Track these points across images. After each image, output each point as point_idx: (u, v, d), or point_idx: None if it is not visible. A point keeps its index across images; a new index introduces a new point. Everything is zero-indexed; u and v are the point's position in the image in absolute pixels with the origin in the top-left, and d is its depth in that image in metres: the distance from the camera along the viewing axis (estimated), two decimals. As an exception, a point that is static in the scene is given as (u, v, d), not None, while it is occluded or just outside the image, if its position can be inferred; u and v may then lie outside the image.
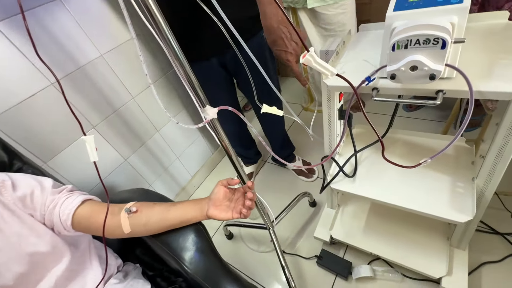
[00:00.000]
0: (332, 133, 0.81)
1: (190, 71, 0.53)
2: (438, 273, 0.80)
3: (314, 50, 0.34)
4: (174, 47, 0.49)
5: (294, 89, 2.00)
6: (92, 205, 0.64)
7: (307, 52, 0.33)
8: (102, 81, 0.97)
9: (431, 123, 1.39)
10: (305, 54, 0.33)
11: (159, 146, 1.26)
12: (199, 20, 0.83)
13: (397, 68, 0.47)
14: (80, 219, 0.61)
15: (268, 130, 1.32)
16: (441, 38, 0.41)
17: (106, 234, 0.63)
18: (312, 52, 0.33)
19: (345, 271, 0.95)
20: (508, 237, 0.90)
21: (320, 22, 1.26)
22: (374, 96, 0.55)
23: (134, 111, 1.11)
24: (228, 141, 1.39)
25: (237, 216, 0.62)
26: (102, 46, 0.95)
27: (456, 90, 0.48)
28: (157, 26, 0.47)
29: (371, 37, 0.72)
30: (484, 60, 0.52)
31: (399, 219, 0.96)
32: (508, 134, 0.55)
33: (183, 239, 0.61)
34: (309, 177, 1.35)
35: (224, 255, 1.18)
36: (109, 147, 1.06)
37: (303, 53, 0.33)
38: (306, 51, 0.33)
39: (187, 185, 1.47)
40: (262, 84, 0.63)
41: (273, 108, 0.57)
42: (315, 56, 0.33)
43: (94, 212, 0.62)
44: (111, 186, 1.10)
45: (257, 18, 0.91)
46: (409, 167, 0.52)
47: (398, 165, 0.52)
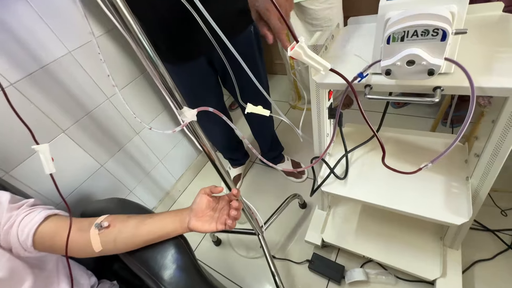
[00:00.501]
0: (322, 133, 0.77)
1: (163, 69, 0.46)
2: (433, 275, 0.78)
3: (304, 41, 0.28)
4: (143, 42, 0.43)
5: (281, 87, 1.95)
6: (58, 221, 0.56)
7: (295, 43, 0.27)
8: (71, 81, 0.89)
9: (419, 119, 1.38)
10: (293, 45, 0.28)
11: (139, 149, 1.18)
12: (184, 19, 0.76)
13: (393, 62, 0.42)
14: (43, 238, 0.54)
15: (256, 130, 1.27)
16: (441, 29, 0.37)
17: (74, 253, 0.56)
18: (302, 43, 0.28)
19: (338, 275, 0.92)
20: (499, 234, 0.90)
21: (307, 17, 1.22)
22: (367, 94, 0.51)
23: (110, 113, 1.03)
24: (215, 143, 1.32)
25: (221, 228, 0.57)
26: (70, 42, 0.86)
27: (455, 86, 0.44)
28: (123, 21, 0.41)
29: (362, 31, 0.68)
30: (482, 54, 0.49)
31: (391, 219, 0.93)
32: (505, 132, 0.52)
33: (162, 255, 0.55)
34: (299, 177, 1.31)
35: (212, 262, 1.14)
36: (82, 153, 0.97)
37: (292, 45, 0.28)
38: (295, 42, 0.27)
39: (171, 189, 1.40)
40: (250, 83, 0.58)
41: (259, 107, 0.52)
42: (306, 48, 0.28)
43: (60, 229, 0.55)
44: (86, 195, 1.02)
45: (246, 12, 0.85)
46: (410, 173, 0.48)
47: (399, 171, 0.48)
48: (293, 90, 1.66)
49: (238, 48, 0.45)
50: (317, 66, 0.31)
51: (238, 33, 0.84)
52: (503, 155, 0.55)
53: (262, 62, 1.00)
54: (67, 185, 0.96)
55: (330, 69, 0.33)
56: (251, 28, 0.88)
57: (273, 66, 2.10)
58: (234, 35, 0.83)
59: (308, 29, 1.26)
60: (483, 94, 0.43)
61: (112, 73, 1.00)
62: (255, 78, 0.55)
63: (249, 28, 0.87)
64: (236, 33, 0.84)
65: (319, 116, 0.73)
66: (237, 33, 0.84)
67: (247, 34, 0.87)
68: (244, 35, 0.86)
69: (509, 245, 0.87)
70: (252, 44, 0.90)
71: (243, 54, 0.53)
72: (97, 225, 0.55)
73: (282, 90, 1.90)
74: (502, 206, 0.95)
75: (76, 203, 0.98)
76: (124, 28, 0.42)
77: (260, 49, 0.95)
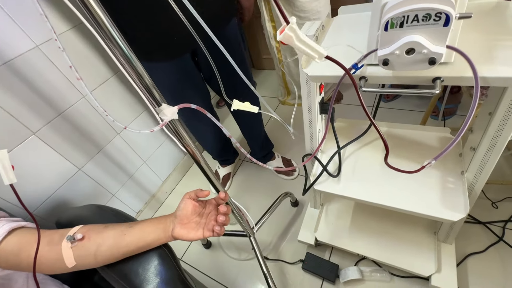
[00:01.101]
0: (313, 129, 0.73)
1: (139, 65, 0.41)
2: (428, 271, 0.77)
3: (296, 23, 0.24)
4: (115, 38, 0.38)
5: (269, 83, 1.91)
6: (24, 235, 0.50)
7: (286, 25, 0.23)
8: (40, 78, 0.81)
9: (409, 113, 1.38)
10: (283, 28, 0.23)
11: (120, 151, 1.11)
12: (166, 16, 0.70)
13: (391, 51, 0.39)
14: (7, 254, 0.48)
15: (245, 128, 1.22)
16: (445, 12, 0.34)
17: (44, 270, 0.50)
18: (294, 25, 0.23)
19: (332, 274, 0.90)
20: (490, 226, 0.90)
21: (294, 9, 1.18)
22: (362, 87, 0.47)
23: (86, 113, 0.95)
24: (204, 143, 1.26)
25: (209, 235, 0.52)
26: (37, 35, 0.78)
27: (456, 77, 0.41)
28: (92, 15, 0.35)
29: (353, 20, 0.64)
30: (480, 42, 0.46)
31: (384, 215, 0.92)
32: (503, 124, 0.50)
33: (144, 268, 0.50)
34: (290, 174, 1.28)
35: (202, 266, 1.09)
36: (56, 156, 0.90)
37: (281, 27, 0.24)
38: (286, 23, 0.23)
39: (157, 191, 1.34)
40: (236, 79, 0.53)
41: (246, 103, 0.48)
42: (298, 31, 0.24)
43: (25, 244, 0.49)
44: (63, 202, 0.94)
45: (230, 3, 0.80)
46: (413, 172, 0.45)
47: (402, 171, 0.45)
48: (281, 85, 1.62)
49: (224, 42, 0.41)
50: (312, 53, 0.27)
51: (224, 24, 0.79)
52: (499, 148, 0.54)
53: (246, 58, 0.97)
54: (40, 192, 0.88)
55: (327, 56, 0.29)
56: (235, 21, 0.83)
57: (260, 61, 2.05)
58: (219, 28, 0.78)
59: (296, 22, 1.22)
60: (486, 84, 0.40)
61: (90, 67, 0.93)
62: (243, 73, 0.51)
63: (233, 21, 0.83)
64: (222, 24, 0.79)
65: (310, 112, 0.70)
66: (224, 25, 0.79)
67: (232, 26, 0.82)
68: (229, 28, 0.81)
69: (500, 237, 0.87)
70: (237, 37, 0.86)
71: (229, 48, 0.49)
72: (69, 237, 0.49)
73: (271, 86, 1.86)
74: (493, 198, 0.95)
75: (51, 211, 0.91)
76: (94, 23, 0.36)
77: (244, 42, 0.91)
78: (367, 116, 0.42)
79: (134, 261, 0.52)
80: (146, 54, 0.74)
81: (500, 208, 0.93)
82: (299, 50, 0.26)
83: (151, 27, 0.70)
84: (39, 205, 0.88)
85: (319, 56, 0.28)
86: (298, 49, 0.26)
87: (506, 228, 0.89)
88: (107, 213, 0.65)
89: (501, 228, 0.89)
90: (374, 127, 0.42)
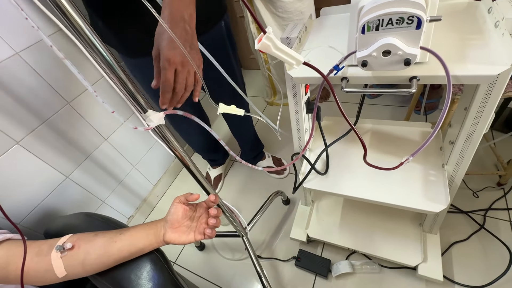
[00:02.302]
0: (300, 128, 0.74)
1: (121, 72, 0.41)
2: (415, 261, 0.80)
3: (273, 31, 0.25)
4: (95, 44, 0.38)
5: (256, 83, 1.92)
6: (10, 247, 0.49)
7: (263, 35, 0.24)
8: (21, 86, 0.79)
9: (394, 108, 1.42)
10: (261, 37, 0.24)
11: (109, 156, 1.10)
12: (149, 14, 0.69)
13: (369, 53, 0.40)
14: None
15: (235, 130, 1.23)
16: (416, 16, 0.36)
17: (33, 282, 0.49)
18: (271, 34, 0.24)
19: (324, 269, 0.92)
20: (472, 215, 0.94)
21: (278, 10, 1.19)
22: (344, 87, 0.49)
23: (71, 119, 0.94)
24: (192, 144, 1.25)
25: (200, 238, 0.53)
26: (16, 42, 0.76)
27: (431, 75, 0.43)
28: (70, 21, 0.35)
29: (335, 22, 0.66)
30: (454, 42, 0.48)
31: (372, 210, 0.95)
32: (477, 118, 0.53)
33: (136, 274, 0.50)
34: (281, 173, 1.29)
35: (196, 268, 1.10)
36: (42, 165, 0.88)
37: (259, 36, 0.25)
38: (262, 33, 0.24)
39: (149, 195, 1.33)
40: (225, 82, 0.53)
41: (232, 107, 0.49)
42: (275, 39, 0.25)
43: (13, 257, 0.48)
44: (51, 211, 0.93)
45: (217, 5, 0.78)
46: (390, 169, 0.47)
47: (380, 168, 0.47)
48: (268, 86, 1.63)
49: (209, 44, 0.41)
50: (289, 60, 0.28)
51: (211, 25, 0.78)
52: (476, 141, 0.56)
53: (236, 60, 0.96)
54: (26, 202, 0.86)
55: (304, 62, 0.30)
56: (222, 24, 0.82)
57: (247, 61, 2.06)
58: (204, 30, 0.77)
59: (279, 23, 1.23)
60: (458, 82, 0.43)
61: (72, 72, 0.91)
62: (230, 76, 0.51)
63: (220, 23, 0.82)
64: (209, 25, 0.77)
65: (296, 112, 0.71)
66: (211, 26, 0.78)
67: (218, 28, 0.81)
68: (215, 30, 0.80)
69: (481, 225, 0.91)
70: (224, 40, 0.85)
71: (216, 51, 0.48)
72: (58, 247, 0.49)
73: (258, 86, 1.87)
74: (474, 188, 1.00)
75: (39, 221, 0.89)
76: (73, 30, 0.36)
77: (233, 45, 0.89)
78: (346, 121, 0.44)
79: (126, 267, 0.52)
80: (136, 50, 0.74)
81: (481, 197, 0.98)
82: (278, 57, 0.27)
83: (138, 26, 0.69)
84: (26, 215, 0.86)
85: (297, 63, 0.29)
86: (276, 57, 0.27)
87: (487, 216, 0.93)
88: (96, 221, 0.64)
89: (482, 217, 0.93)
90: (353, 130, 0.44)
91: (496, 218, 0.92)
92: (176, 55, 0.44)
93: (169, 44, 0.44)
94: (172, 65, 0.45)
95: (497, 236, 0.88)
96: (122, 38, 0.70)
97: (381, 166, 0.50)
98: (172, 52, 0.44)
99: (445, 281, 0.81)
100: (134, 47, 0.74)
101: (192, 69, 0.48)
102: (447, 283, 0.82)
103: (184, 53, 0.42)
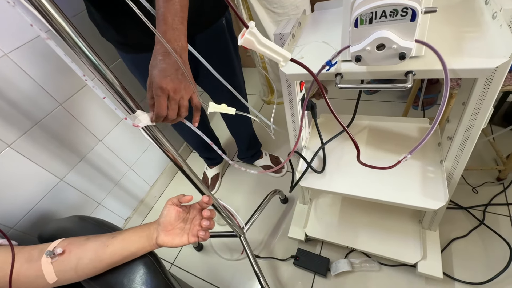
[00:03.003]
0: (296, 126, 0.73)
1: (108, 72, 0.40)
2: (414, 259, 0.79)
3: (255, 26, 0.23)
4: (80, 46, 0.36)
5: (253, 81, 1.90)
6: (0, 253, 0.48)
7: (245, 30, 0.23)
8: (11, 88, 0.77)
9: (392, 104, 1.40)
10: (243, 32, 0.23)
11: (104, 158, 1.08)
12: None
13: (362, 48, 0.39)
14: (-17, 275, 0.46)
15: (233, 129, 1.21)
16: (411, 7, 0.34)
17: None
18: (253, 29, 0.23)
19: (323, 268, 0.91)
20: (472, 210, 0.93)
21: (273, 6, 1.17)
22: (338, 83, 0.48)
23: (64, 121, 0.92)
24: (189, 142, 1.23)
25: (194, 240, 0.52)
26: (5, 42, 0.75)
27: (427, 70, 0.42)
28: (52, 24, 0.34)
29: (329, 16, 0.65)
30: (450, 34, 0.47)
31: (371, 207, 0.94)
32: (475, 113, 0.52)
33: (129, 279, 0.49)
34: (278, 172, 1.28)
35: (195, 269, 1.09)
36: (35, 168, 0.87)
37: (242, 32, 0.23)
38: (245, 28, 0.23)
39: (146, 196, 1.32)
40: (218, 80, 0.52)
41: (222, 105, 0.47)
42: (258, 34, 0.23)
43: (2, 263, 0.47)
44: (46, 215, 0.91)
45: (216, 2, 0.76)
46: (387, 168, 0.46)
47: (375, 167, 0.46)
48: (264, 84, 1.62)
49: (211, 41, 0.40)
50: (276, 56, 0.27)
51: (210, 22, 0.76)
52: (474, 136, 0.55)
53: (238, 58, 0.94)
54: (20, 206, 0.85)
55: (291, 59, 0.28)
56: (223, 21, 0.80)
57: (243, 58, 2.02)
58: (203, 27, 0.75)
59: (274, 19, 1.21)
60: (456, 76, 0.41)
61: (66, 74, 0.89)
62: (231, 76, 0.50)
63: (221, 21, 0.80)
64: (208, 22, 0.75)
65: (292, 109, 0.70)
66: (209, 23, 0.75)
67: (219, 25, 0.79)
68: (216, 26, 0.78)
69: (481, 220, 0.90)
70: (225, 38, 0.82)
71: (217, 47, 0.47)
72: (48, 252, 0.48)
73: (254, 84, 1.85)
74: (473, 183, 0.99)
75: (34, 225, 0.88)
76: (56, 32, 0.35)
77: (234, 42, 0.87)
78: (338, 121, 0.43)
79: (119, 271, 0.51)
80: (133, 47, 0.73)
81: (480, 192, 0.97)
82: (264, 54, 0.26)
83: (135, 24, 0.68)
84: (20, 219, 0.85)
85: (284, 60, 0.28)
86: (261, 53, 0.26)
87: (486, 211, 0.92)
88: (90, 224, 0.63)
89: (482, 212, 0.92)
90: (346, 132, 0.43)
91: (496, 213, 0.92)
92: (168, 82, 0.45)
93: (161, 73, 0.45)
94: (165, 91, 0.45)
95: (497, 231, 0.87)
96: (120, 35, 0.69)
97: (379, 163, 0.49)
98: (164, 80, 0.45)
99: (445, 278, 0.80)
100: (131, 44, 0.73)
101: (186, 95, 0.48)
102: (447, 280, 0.81)
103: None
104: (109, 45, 0.76)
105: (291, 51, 0.58)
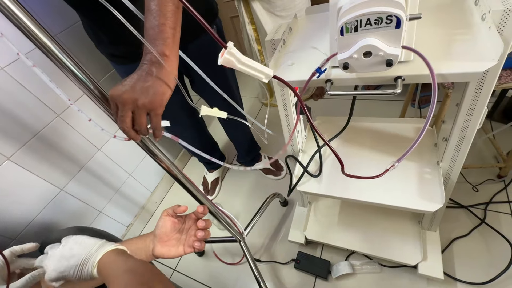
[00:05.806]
0: (291, 129, 0.73)
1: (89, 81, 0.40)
2: (414, 260, 0.78)
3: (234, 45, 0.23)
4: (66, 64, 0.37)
5: (251, 83, 1.90)
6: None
7: (224, 50, 0.23)
8: (8, 101, 0.78)
9: (390, 102, 1.40)
10: (223, 52, 0.23)
11: (103, 166, 1.09)
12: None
13: (349, 55, 0.39)
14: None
15: (231, 133, 1.22)
16: (395, 15, 0.34)
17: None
18: (232, 49, 0.23)
19: (324, 271, 0.91)
20: (472, 209, 0.92)
21: (276, 10, 1.16)
22: (328, 90, 0.47)
23: (63, 131, 0.93)
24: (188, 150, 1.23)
25: (190, 251, 0.52)
26: (0, 57, 0.76)
27: (416, 75, 0.42)
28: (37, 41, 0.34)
29: (320, 21, 0.65)
30: (440, 38, 0.46)
31: (370, 209, 0.93)
32: (469, 115, 0.51)
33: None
34: (278, 175, 1.28)
35: (197, 274, 1.09)
36: (35, 179, 0.87)
37: (221, 51, 0.23)
38: (224, 48, 0.23)
39: (147, 203, 1.32)
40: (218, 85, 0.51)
41: (214, 109, 0.47)
42: (238, 53, 0.23)
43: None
44: (47, 225, 0.92)
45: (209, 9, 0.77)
46: (375, 177, 0.45)
47: (361, 177, 0.46)
48: (263, 86, 1.62)
49: (201, 50, 0.39)
50: (257, 74, 0.27)
51: (200, 33, 0.75)
52: (469, 138, 0.55)
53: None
54: (21, 217, 0.86)
55: (274, 76, 0.28)
56: (214, 28, 0.80)
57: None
58: (196, 36, 0.75)
59: (277, 23, 1.20)
60: (445, 81, 0.41)
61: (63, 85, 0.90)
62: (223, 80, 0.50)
63: (213, 25, 0.80)
64: (198, 31, 0.75)
65: (286, 114, 0.70)
66: (199, 34, 0.75)
67: (209, 34, 0.79)
68: (207, 35, 0.78)
69: (482, 219, 0.89)
70: (216, 44, 0.82)
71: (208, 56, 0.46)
72: None
73: (254, 86, 1.85)
74: (473, 181, 0.98)
75: (36, 235, 0.89)
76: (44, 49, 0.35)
77: None
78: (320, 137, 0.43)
79: (117, 283, 0.51)
80: (125, 58, 0.74)
81: (481, 191, 0.96)
82: (245, 72, 0.26)
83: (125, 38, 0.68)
84: (22, 230, 0.86)
85: (266, 77, 0.28)
86: (243, 72, 0.26)
87: (488, 210, 0.91)
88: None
89: (483, 211, 0.91)
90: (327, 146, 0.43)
91: (497, 211, 0.91)
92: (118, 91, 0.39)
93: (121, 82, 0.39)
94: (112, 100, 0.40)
95: (499, 230, 0.86)
96: (113, 47, 0.70)
97: (376, 166, 0.49)
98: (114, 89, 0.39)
99: (446, 278, 0.79)
100: (123, 56, 0.73)
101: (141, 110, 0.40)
102: (449, 281, 0.81)
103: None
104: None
105: (282, 57, 0.58)
